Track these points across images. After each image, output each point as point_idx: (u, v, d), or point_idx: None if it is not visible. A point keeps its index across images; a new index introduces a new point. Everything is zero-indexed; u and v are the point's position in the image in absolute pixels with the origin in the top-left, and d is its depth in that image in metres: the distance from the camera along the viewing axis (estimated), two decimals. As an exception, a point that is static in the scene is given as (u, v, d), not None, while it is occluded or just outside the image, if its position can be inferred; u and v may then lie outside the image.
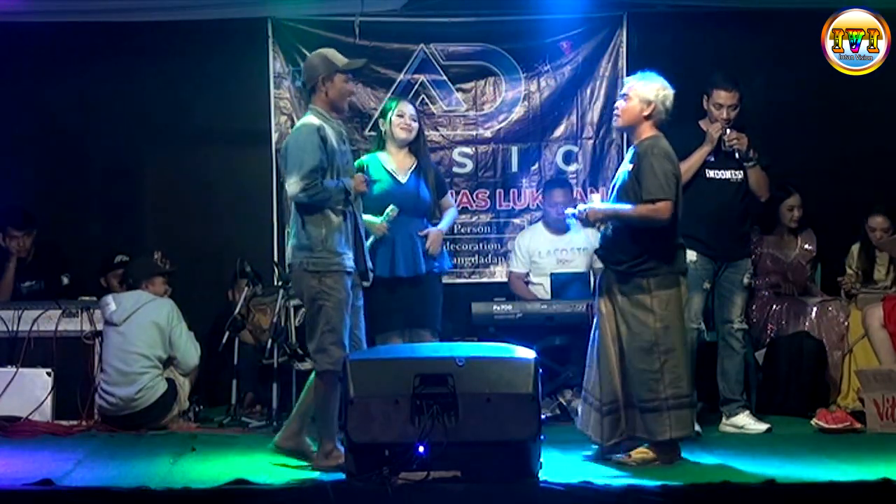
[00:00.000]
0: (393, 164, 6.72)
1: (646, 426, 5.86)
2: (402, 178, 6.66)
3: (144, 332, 7.29)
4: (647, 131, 6.02)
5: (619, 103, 6.12)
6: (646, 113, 6.01)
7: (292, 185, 5.80)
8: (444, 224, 6.92)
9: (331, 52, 6.10)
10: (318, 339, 5.82)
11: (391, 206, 6.55)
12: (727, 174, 7.09)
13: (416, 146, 6.84)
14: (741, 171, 7.12)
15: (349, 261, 5.91)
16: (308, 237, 5.85)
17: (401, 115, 6.75)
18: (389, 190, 6.60)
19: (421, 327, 6.60)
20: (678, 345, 5.92)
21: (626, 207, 5.92)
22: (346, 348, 5.82)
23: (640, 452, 5.90)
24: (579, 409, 6.26)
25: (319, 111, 5.98)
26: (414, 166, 6.71)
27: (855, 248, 8.01)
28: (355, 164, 6.52)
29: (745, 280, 7.18)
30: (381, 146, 6.91)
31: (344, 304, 5.84)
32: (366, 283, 6.07)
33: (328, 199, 5.86)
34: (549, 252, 8.12)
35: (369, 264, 6.08)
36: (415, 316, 6.61)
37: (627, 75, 8.57)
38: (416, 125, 6.78)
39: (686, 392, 5.92)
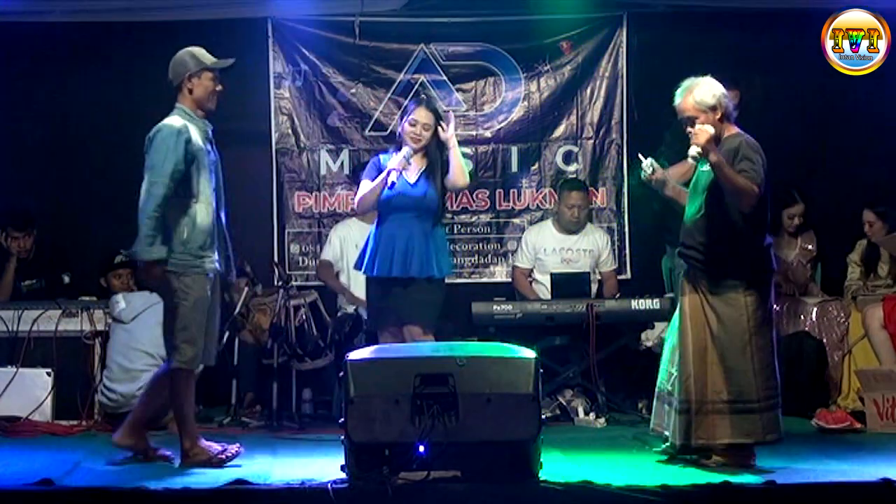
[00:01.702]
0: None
1: (739, 427, 5.74)
2: (412, 179, 6.60)
3: (151, 332, 7.29)
4: (727, 130, 5.87)
5: (696, 128, 5.80)
6: (718, 118, 5.85)
7: (145, 183, 5.76)
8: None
9: (199, 51, 6.04)
10: (172, 337, 5.83)
11: (406, 149, 6.49)
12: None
13: (430, 150, 6.62)
14: None
15: (210, 263, 5.87)
16: (169, 237, 5.83)
17: (413, 124, 6.57)
18: (399, 189, 6.54)
19: (412, 324, 6.55)
20: (768, 345, 5.81)
21: (728, 165, 5.67)
22: (200, 347, 5.84)
23: (720, 457, 5.80)
24: (654, 408, 6.06)
25: (185, 110, 5.95)
26: (424, 168, 6.63)
27: (860, 244, 8.01)
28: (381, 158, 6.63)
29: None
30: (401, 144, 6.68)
31: (201, 302, 5.83)
32: (231, 280, 6.05)
33: (144, 224, 5.73)
34: (554, 250, 8.14)
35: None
36: (409, 315, 6.56)
37: (627, 75, 8.64)
38: (427, 134, 6.55)
39: (776, 393, 5.84)
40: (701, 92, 5.85)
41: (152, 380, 6.12)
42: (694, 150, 5.76)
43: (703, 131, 5.71)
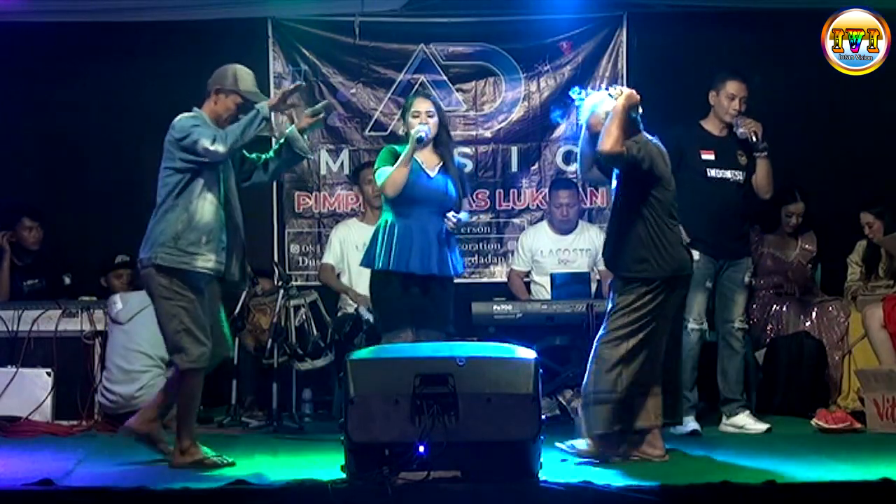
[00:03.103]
0: (421, 159, 6.52)
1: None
2: (432, 174, 6.53)
3: (148, 332, 7.28)
4: (637, 134, 6.00)
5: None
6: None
7: (209, 144, 5.73)
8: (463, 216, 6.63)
9: (243, 73, 6.05)
10: (173, 339, 5.82)
11: (416, 129, 6.40)
12: (727, 174, 7.10)
13: (440, 143, 6.54)
14: (741, 171, 7.13)
15: (204, 262, 5.82)
16: (163, 231, 5.82)
17: (416, 115, 6.49)
18: (420, 182, 6.43)
19: (432, 328, 6.50)
20: (623, 348, 5.86)
21: (622, 121, 5.85)
22: (207, 344, 5.82)
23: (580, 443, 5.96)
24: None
25: (203, 115, 5.95)
26: (441, 165, 6.53)
27: (860, 245, 8.02)
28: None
29: (746, 279, 7.19)
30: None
31: (197, 302, 5.81)
32: (242, 289, 6.05)
33: (243, 132, 5.77)
34: (551, 252, 8.14)
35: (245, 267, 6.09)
36: (426, 316, 6.51)
37: (627, 75, 8.63)
38: (433, 121, 6.48)
39: (603, 389, 5.87)
40: (603, 107, 5.99)
41: (168, 381, 6.09)
42: (614, 90, 5.99)
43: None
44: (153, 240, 5.84)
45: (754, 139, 7.06)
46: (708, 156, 7.11)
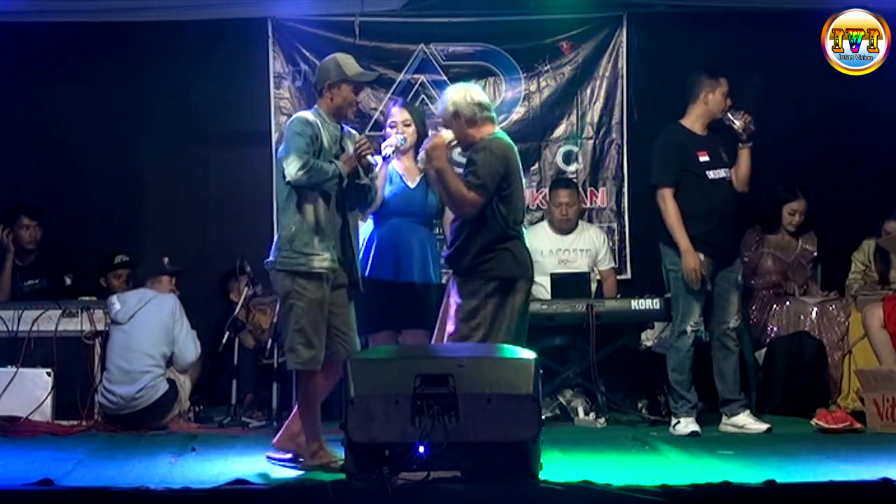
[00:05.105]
0: (402, 169, 6.58)
1: None
2: (412, 184, 6.55)
3: (148, 330, 7.31)
4: (478, 134, 5.97)
5: (442, 134, 6.00)
6: (464, 123, 5.95)
7: (290, 166, 5.71)
8: None
9: (344, 60, 6.04)
10: (289, 339, 5.82)
11: (399, 137, 6.42)
12: (722, 173, 7.11)
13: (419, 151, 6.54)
14: (728, 169, 7.12)
15: (320, 262, 5.79)
16: (280, 235, 5.85)
17: (392, 126, 6.56)
18: (400, 193, 6.50)
19: (415, 328, 6.53)
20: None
21: (452, 173, 5.85)
22: (318, 348, 5.77)
23: None
24: None
25: (320, 112, 5.93)
26: (423, 174, 6.54)
27: (868, 244, 7.97)
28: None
29: (740, 278, 7.20)
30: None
31: (317, 303, 5.77)
32: (360, 289, 6.00)
33: (325, 180, 5.79)
34: (551, 252, 8.13)
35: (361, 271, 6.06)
36: (407, 319, 6.53)
37: (627, 75, 8.64)
38: (410, 130, 6.54)
39: None
40: (441, 104, 5.99)
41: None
42: (421, 156, 5.95)
43: (435, 137, 5.94)
44: (275, 243, 5.90)
45: (752, 128, 7.05)
46: (704, 157, 7.10)
